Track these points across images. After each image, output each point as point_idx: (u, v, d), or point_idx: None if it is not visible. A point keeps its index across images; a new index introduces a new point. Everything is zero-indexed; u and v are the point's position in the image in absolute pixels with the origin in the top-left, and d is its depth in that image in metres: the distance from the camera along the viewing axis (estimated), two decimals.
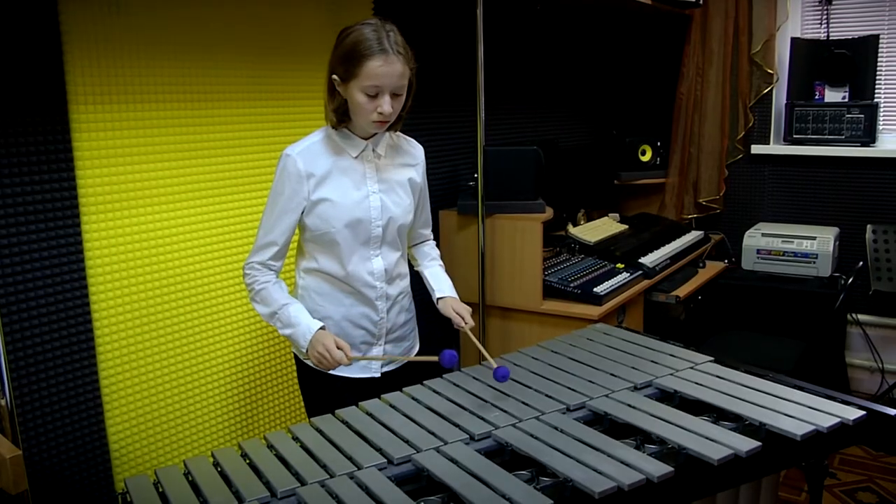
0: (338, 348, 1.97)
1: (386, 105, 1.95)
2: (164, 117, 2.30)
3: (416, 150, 2.23)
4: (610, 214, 4.25)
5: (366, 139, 2.07)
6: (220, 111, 2.46)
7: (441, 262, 2.38)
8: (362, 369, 2.17)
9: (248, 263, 2.04)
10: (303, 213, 2.03)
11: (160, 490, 1.53)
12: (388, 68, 1.91)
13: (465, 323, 2.17)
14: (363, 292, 2.11)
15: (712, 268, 4.02)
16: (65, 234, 2.09)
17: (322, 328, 2.02)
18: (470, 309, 2.23)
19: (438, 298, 2.27)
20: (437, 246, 2.42)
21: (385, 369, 2.21)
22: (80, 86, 2.09)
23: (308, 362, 2.12)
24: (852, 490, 3.22)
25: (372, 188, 2.08)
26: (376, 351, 2.18)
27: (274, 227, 2.01)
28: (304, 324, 2.01)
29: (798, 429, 1.67)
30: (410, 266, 2.32)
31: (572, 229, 3.78)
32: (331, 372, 2.12)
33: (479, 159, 3.10)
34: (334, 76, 1.97)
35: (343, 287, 2.10)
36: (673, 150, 4.47)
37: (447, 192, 3.41)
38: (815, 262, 3.93)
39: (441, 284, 2.30)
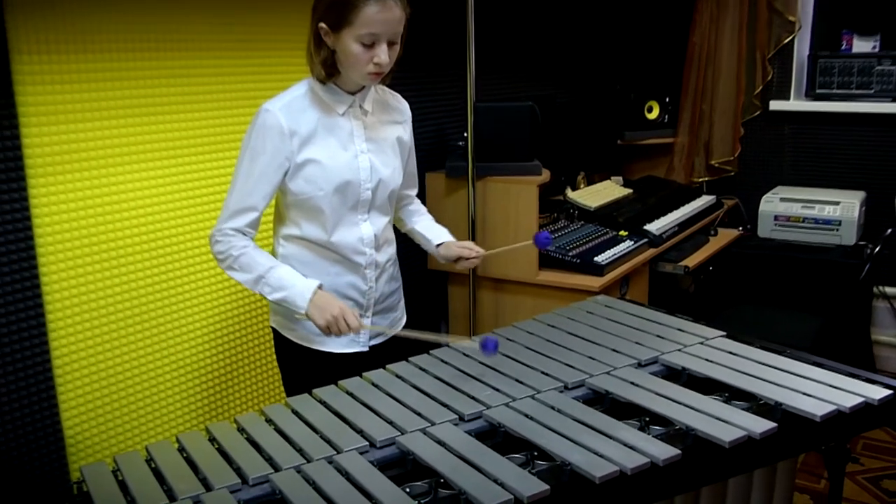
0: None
1: (383, 55, 1.93)
2: (121, 69, 2.28)
3: (403, 106, 2.23)
4: (612, 177, 4.26)
5: (352, 94, 2.06)
6: (186, 62, 2.44)
7: (430, 215, 2.41)
8: (350, 343, 2.18)
9: (218, 230, 2.02)
10: (285, 175, 2.02)
11: (119, 478, 1.54)
12: (386, 14, 1.90)
13: (476, 252, 2.21)
14: (351, 259, 2.12)
15: (725, 236, 4.04)
16: (9, 199, 2.08)
17: (321, 287, 2.02)
18: (472, 243, 2.28)
19: (438, 245, 2.29)
20: None
21: (374, 342, 2.23)
22: (22, 33, 2.06)
23: (292, 334, 2.14)
24: (877, 477, 3.25)
25: (360, 148, 2.08)
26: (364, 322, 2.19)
27: (254, 191, 1.99)
28: (299, 284, 2.00)
29: (817, 409, 1.70)
30: (396, 231, 2.33)
31: (571, 193, 3.79)
32: (315, 347, 2.14)
33: (469, 117, 3.09)
34: (322, 24, 1.94)
35: (328, 255, 2.11)
36: (683, 107, 4.46)
37: (434, 154, 3.40)
38: (838, 230, 3.96)
39: (437, 232, 2.33)
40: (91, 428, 2.32)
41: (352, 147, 2.06)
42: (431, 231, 2.35)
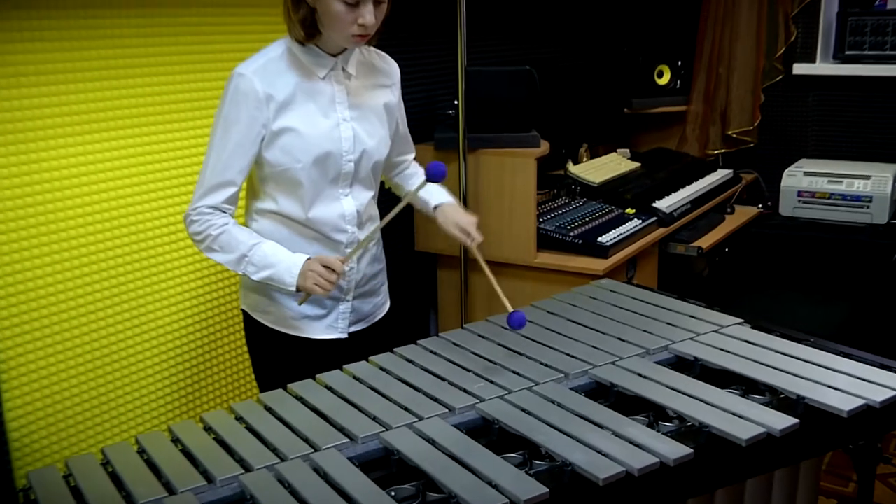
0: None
1: (369, 15, 1.93)
2: (80, 27, 2.26)
3: (391, 68, 2.23)
4: (619, 150, 4.26)
5: (334, 56, 2.06)
6: (154, 19, 2.42)
7: None
8: (327, 329, 2.19)
9: (194, 209, 2.01)
10: (261, 144, 2.02)
11: (72, 484, 1.54)
12: None
13: (472, 239, 2.18)
14: (331, 237, 2.13)
15: (743, 214, 4.05)
16: None
17: (309, 260, 2.02)
18: (475, 219, 2.23)
19: (436, 206, 2.27)
20: None
21: (353, 329, 2.24)
22: None
23: (265, 318, 2.15)
24: None
25: (342, 115, 2.07)
26: (343, 307, 2.20)
27: (230, 164, 1.99)
28: (285, 260, 2.01)
29: (844, 403, 1.71)
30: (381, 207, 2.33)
31: (573, 168, 3.79)
32: (290, 332, 2.15)
33: (459, 83, 3.08)
34: None
35: (306, 232, 2.11)
36: (697, 71, 4.47)
37: (422, 123, 3.39)
38: (868, 207, 3.98)
39: (434, 193, 2.29)
40: (40, 430, 2.32)
41: (333, 114, 2.06)
42: (428, 191, 2.31)
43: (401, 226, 2.44)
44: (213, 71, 2.58)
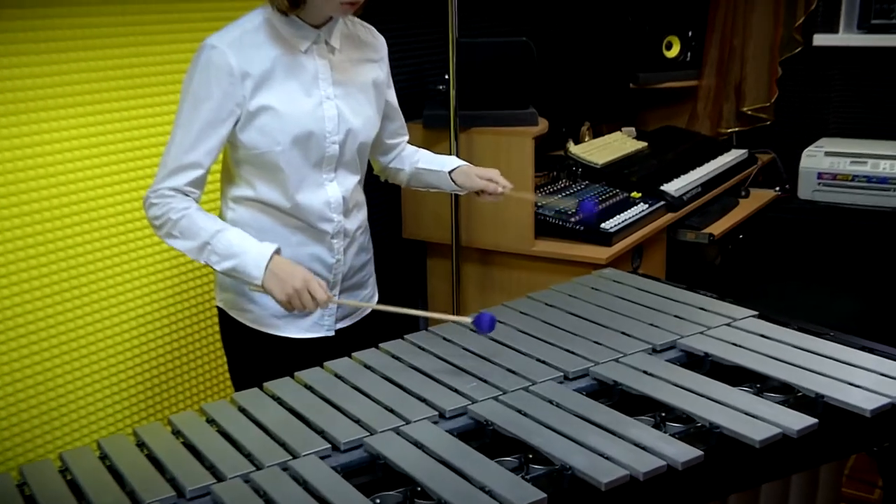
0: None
1: None
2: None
3: (378, 42, 2.23)
4: (623, 128, 4.26)
5: (317, 27, 2.05)
6: None
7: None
8: (313, 327, 2.19)
9: (154, 191, 1.99)
10: (236, 125, 2.01)
11: (27, 493, 1.53)
12: None
13: (501, 186, 2.24)
14: (316, 227, 2.12)
15: (758, 197, 4.06)
16: None
17: (278, 251, 2.00)
18: (497, 171, 2.30)
19: (451, 171, 2.31)
20: None
21: (340, 325, 2.24)
22: None
23: (242, 316, 2.15)
24: None
25: (326, 92, 2.07)
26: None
27: (197, 144, 1.97)
28: (252, 249, 1.97)
29: (867, 402, 1.71)
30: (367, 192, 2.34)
31: (574, 148, 3.79)
32: (271, 332, 2.15)
33: (450, 55, 3.08)
34: None
35: (289, 221, 2.11)
36: (709, 43, 4.47)
37: (409, 100, 3.38)
38: (894, 190, 3.99)
39: (444, 159, 2.34)
40: None
41: (316, 92, 2.06)
42: (438, 161, 2.35)
43: (387, 214, 2.44)
44: (183, 41, 2.58)
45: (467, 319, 1.94)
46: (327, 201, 2.12)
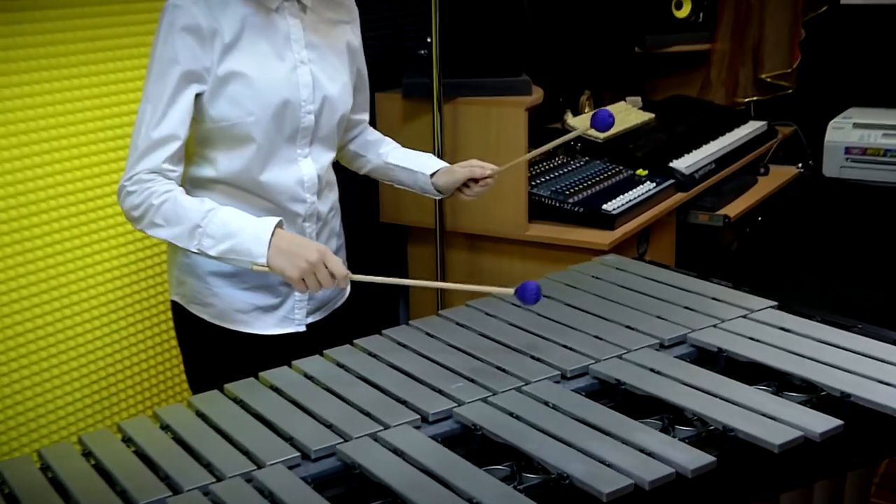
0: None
1: None
2: None
3: (349, 2, 2.24)
4: (628, 98, 4.27)
5: None
6: None
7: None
8: (281, 322, 2.20)
9: (129, 177, 1.96)
10: (202, 95, 1.99)
11: None
12: None
13: (488, 169, 2.27)
14: (287, 209, 2.12)
15: (779, 175, 4.06)
16: None
17: (281, 224, 1.97)
18: (475, 160, 2.33)
19: (432, 175, 2.31)
20: None
21: (310, 320, 2.24)
22: None
23: (204, 311, 2.15)
24: None
25: (299, 56, 2.07)
26: (299, 294, 2.19)
27: (169, 113, 1.96)
28: (249, 226, 1.95)
29: None
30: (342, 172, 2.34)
31: (572, 120, 3.80)
32: (236, 328, 2.15)
33: (433, 15, 3.07)
34: None
35: (256, 202, 2.10)
36: (723, 1, 4.47)
37: (385, 67, 3.39)
38: None
39: (423, 160, 2.34)
40: None
41: (289, 55, 2.06)
42: (415, 160, 2.35)
43: (361, 194, 2.44)
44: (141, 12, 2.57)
45: (508, 290, 1.90)
46: (300, 179, 2.12)
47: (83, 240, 2.57)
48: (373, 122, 3.17)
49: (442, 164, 2.34)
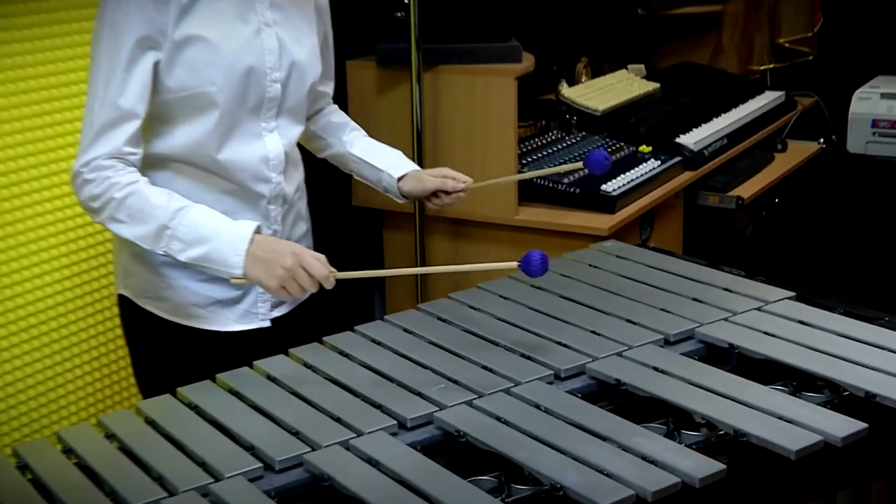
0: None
1: None
2: None
3: None
4: (630, 66, 4.27)
5: None
6: None
7: (363, 130, 2.44)
8: (243, 317, 2.19)
9: (86, 163, 1.95)
10: (159, 64, 1.98)
11: None
12: None
13: (462, 180, 2.29)
14: (250, 189, 2.12)
15: (798, 151, 4.07)
16: None
17: (259, 230, 1.97)
18: (447, 168, 2.37)
19: (400, 178, 2.32)
20: None
21: (275, 314, 2.24)
22: None
23: (157, 306, 2.14)
24: None
25: (264, 17, 2.07)
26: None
27: (126, 87, 1.95)
28: (226, 230, 1.95)
29: None
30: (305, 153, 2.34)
31: (568, 90, 3.80)
32: (193, 325, 2.15)
33: None
34: None
35: (214, 183, 2.10)
36: None
37: (358, 31, 3.38)
38: None
39: (390, 159, 2.35)
40: None
41: (252, 17, 2.05)
42: (381, 157, 2.36)
43: (331, 172, 2.43)
44: None
45: (512, 264, 1.88)
46: (265, 157, 2.12)
47: (17, 227, 2.57)
48: (343, 94, 3.19)
49: (412, 166, 2.36)
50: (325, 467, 1.59)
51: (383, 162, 2.35)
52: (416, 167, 2.37)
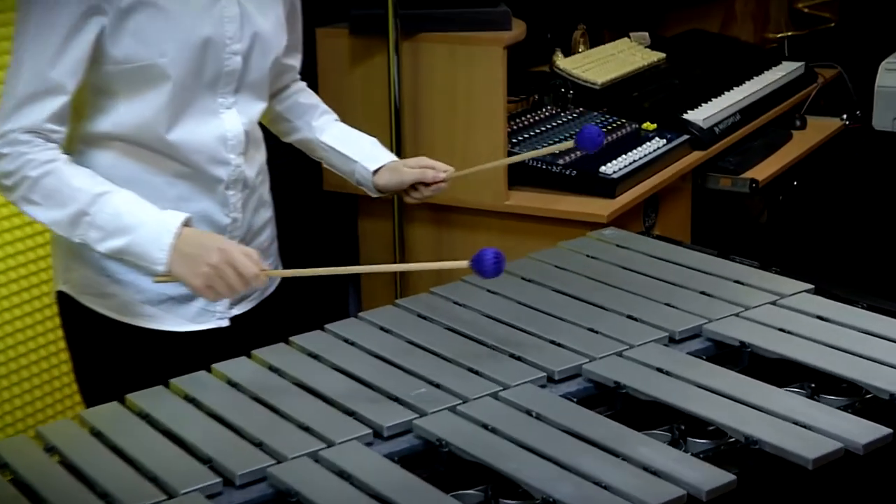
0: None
1: None
2: None
3: None
4: (632, 34, 4.28)
5: None
6: None
7: (334, 114, 2.44)
8: (199, 315, 2.19)
9: (3, 134, 1.95)
10: (102, 32, 1.97)
11: None
12: None
13: (443, 170, 2.30)
14: (206, 173, 2.12)
15: (818, 129, 4.08)
16: None
17: (188, 223, 1.97)
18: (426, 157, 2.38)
19: (375, 171, 2.33)
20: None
21: (235, 311, 2.24)
22: None
23: (101, 304, 2.14)
24: None
25: None
26: None
27: (56, 60, 1.94)
28: (149, 220, 1.96)
29: None
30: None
31: (563, 61, 3.80)
32: (142, 324, 2.14)
33: None
34: None
35: (166, 165, 2.10)
36: None
37: None
38: None
39: (365, 149, 2.36)
40: None
41: None
42: (355, 147, 2.37)
43: (299, 154, 2.43)
44: None
45: (462, 263, 1.88)
46: (222, 136, 2.12)
47: None
48: (312, 66, 3.19)
49: (389, 157, 2.37)
50: (291, 482, 1.59)
51: (357, 152, 2.36)
52: (394, 157, 2.38)
